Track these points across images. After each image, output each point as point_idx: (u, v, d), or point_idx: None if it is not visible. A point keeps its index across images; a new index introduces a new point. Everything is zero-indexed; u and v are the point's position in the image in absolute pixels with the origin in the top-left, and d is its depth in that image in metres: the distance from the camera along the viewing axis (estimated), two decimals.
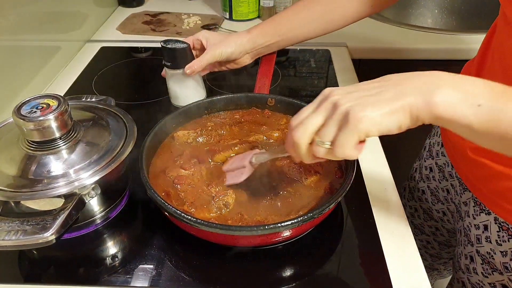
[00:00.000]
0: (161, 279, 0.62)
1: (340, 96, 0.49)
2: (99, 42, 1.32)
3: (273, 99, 0.85)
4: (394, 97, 0.47)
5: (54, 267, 0.66)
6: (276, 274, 0.63)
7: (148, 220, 0.73)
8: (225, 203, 0.66)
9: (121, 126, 0.70)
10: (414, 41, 1.32)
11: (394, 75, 0.50)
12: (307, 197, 0.68)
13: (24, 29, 1.01)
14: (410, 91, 0.47)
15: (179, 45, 0.88)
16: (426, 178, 0.94)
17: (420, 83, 0.47)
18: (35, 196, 0.58)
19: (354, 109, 0.46)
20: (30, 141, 0.62)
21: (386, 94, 0.47)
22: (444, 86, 0.46)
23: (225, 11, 1.47)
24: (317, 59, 1.24)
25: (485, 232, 0.73)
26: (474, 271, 0.77)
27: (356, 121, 0.46)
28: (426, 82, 0.47)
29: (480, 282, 0.76)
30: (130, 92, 1.09)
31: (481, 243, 0.74)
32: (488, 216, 0.72)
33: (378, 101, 0.47)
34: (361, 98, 0.48)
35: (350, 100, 0.48)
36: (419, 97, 0.46)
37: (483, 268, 0.75)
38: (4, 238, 0.54)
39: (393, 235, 0.68)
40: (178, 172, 0.71)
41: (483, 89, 0.46)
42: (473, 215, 0.76)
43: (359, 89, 0.50)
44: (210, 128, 0.81)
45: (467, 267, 0.79)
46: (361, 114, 0.46)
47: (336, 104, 0.48)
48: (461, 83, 0.47)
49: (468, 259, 0.78)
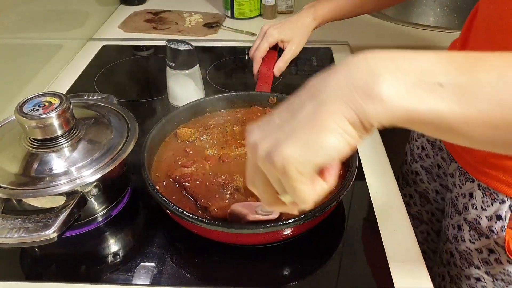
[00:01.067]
0: (162, 277, 0.62)
1: (253, 139, 0.38)
2: (101, 40, 1.32)
3: (275, 98, 0.85)
4: (313, 115, 0.34)
5: (56, 265, 0.66)
6: (277, 272, 0.63)
7: (149, 218, 0.73)
8: (236, 188, 0.66)
9: (122, 124, 0.70)
10: (415, 39, 1.32)
11: (310, 81, 0.37)
12: None
13: (26, 27, 1.01)
14: (332, 98, 0.34)
15: (184, 46, 0.88)
16: (419, 158, 0.95)
17: (345, 81, 0.34)
18: (37, 194, 0.58)
19: (273, 155, 0.35)
20: (32, 139, 0.62)
21: (301, 114, 0.35)
22: (382, 74, 0.33)
23: (227, 9, 1.47)
24: (319, 57, 1.24)
25: (471, 200, 0.75)
26: (461, 239, 0.78)
27: (282, 171, 0.35)
28: (353, 77, 0.34)
29: (467, 249, 0.77)
30: (132, 90, 1.09)
31: (468, 210, 0.76)
32: (472, 184, 0.74)
33: (294, 131, 0.35)
34: (276, 132, 0.36)
35: (263, 140, 0.37)
36: (351, 99, 0.33)
37: (470, 234, 0.76)
38: (6, 236, 0.54)
39: (395, 233, 0.68)
40: (182, 171, 0.71)
41: (438, 62, 0.33)
42: (459, 185, 0.78)
43: (273, 119, 0.38)
44: (212, 126, 0.81)
45: (454, 236, 0.80)
46: (280, 160, 0.34)
47: (254, 152, 0.37)
48: (403, 62, 0.34)
49: (456, 229, 0.80)
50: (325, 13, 0.97)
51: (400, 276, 0.61)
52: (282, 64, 0.94)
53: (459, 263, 0.80)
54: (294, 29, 0.95)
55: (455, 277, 0.82)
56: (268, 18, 1.48)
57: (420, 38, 1.32)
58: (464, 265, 0.79)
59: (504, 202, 0.69)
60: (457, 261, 0.80)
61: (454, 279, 0.83)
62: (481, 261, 0.75)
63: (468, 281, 0.79)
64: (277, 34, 0.94)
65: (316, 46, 1.27)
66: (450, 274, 0.84)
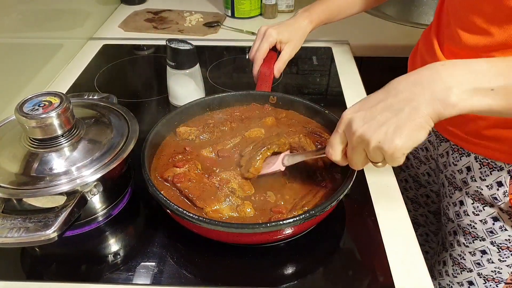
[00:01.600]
0: (163, 277, 0.62)
1: (362, 129, 0.53)
2: (101, 40, 1.32)
3: (275, 97, 0.85)
4: (411, 116, 0.51)
5: (56, 264, 0.66)
6: (278, 272, 0.63)
7: (150, 217, 0.73)
8: (231, 190, 0.66)
9: (123, 124, 0.70)
10: (416, 39, 1.31)
11: (397, 85, 0.53)
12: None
13: (27, 27, 1.01)
14: (423, 104, 0.50)
15: (185, 46, 0.88)
16: None
17: (429, 92, 0.50)
18: (37, 194, 0.58)
19: (385, 145, 0.51)
20: (33, 139, 0.62)
21: (403, 115, 0.51)
22: (453, 88, 0.50)
23: (227, 8, 1.47)
24: (319, 56, 1.24)
25: (469, 173, 0.79)
26: (465, 214, 0.81)
27: (391, 155, 0.52)
28: (434, 90, 0.50)
29: (471, 222, 0.80)
30: (132, 90, 1.09)
31: (468, 184, 0.79)
32: (469, 158, 0.78)
33: (400, 128, 0.51)
34: (382, 126, 0.52)
35: (374, 133, 0.52)
36: (435, 107, 0.50)
37: (473, 207, 0.80)
38: (7, 235, 0.54)
39: (395, 232, 0.68)
40: (174, 171, 0.70)
41: (489, 72, 0.50)
42: (453, 163, 0.82)
43: (373, 114, 0.53)
44: (212, 125, 0.81)
45: (457, 213, 0.83)
46: (392, 149, 0.51)
47: (365, 141, 0.53)
48: (465, 74, 0.50)
49: (458, 205, 0.83)
50: (320, 16, 0.99)
51: (400, 274, 0.61)
52: (281, 65, 0.95)
53: (463, 240, 0.82)
54: (291, 31, 0.97)
55: (458, 258, 0.84)
56: (269, 18, 1.47)
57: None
58: (468, 240, 0.81)
59: (502, 168, 0.73)
60: (461, 238, 0.83)
61: (456, 260, 0.85)
62: (486, 232, 0.78)
63: (472, 258, 0.82)
64: (276, 34, 0.95)
65: (317, 45, 1.27)
66: (453, 256, 0.85)
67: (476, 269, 0.82)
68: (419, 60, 0.85)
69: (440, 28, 0.79)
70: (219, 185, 0.67)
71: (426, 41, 0.83)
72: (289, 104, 0.84)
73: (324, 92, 1.09)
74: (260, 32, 0.98)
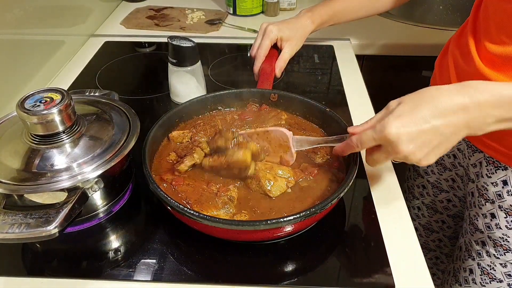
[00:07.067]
0: (163, 273, 0.62)
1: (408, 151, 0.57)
2: (103, 37, 1.32)
3: (276, 95, 0.85)
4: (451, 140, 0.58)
5: (57, 260, 0.66)
6: (278, 269, 0.63)
7: (150, 214, 0.73)
8: (229, 198, 0.66)
9: (124, 121, 0.70)
10: (418, 37, 1.32)
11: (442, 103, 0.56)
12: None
13: (28, 24, 1.01)
14: (464, 130, 0.57)
15: (186, 43, 0.88)
16: None
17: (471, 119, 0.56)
18: (39, 190, 0.58)
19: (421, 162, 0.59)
20: (34, 135, 0.63)
21: (443, 138, 0.57)
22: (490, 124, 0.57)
23: (229, 6, 1.47)
24: (321, 54, 1.23)
25: (506, 187, 0.77)
26: (497, 227, 0.80)
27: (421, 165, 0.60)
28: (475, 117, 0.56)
29: (504, 236, 0.79)
30: (134, 87, 1.09)
31: (503, 197, 0.77)
32: (505, 171, 0.76)
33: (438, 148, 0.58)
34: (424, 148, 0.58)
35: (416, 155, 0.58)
36: (471, 132, 0.58)
37: (506, 221, 0.78)
38: (8, 231, 0.54)
39: (395, 230, 0.68)
40: (173, 174, 0.70)
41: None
42: (487, 175, 0.80)
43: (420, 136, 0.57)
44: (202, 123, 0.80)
45: (487, 225, 0.81)
46: (425, 162, 0.59)
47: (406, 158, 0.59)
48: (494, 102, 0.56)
49: (488, 217, 0.81)
50: (322, 16, 1.00)
51: (401, 272, 0.62)
52: (282, 64, 0.95)
53: (493, 252, 0.81)
54: (292, 29, 0.96)
55: (488, 268, 0.83)
56: (270, 15, 1.47)
57: (423, 36, 1.32)
58: (500, 252, 0.80)
59: None
60: (491, 250, 0.81)
61: (486, 270, 0.83)
62: None
63: (504, 269, 0.80)
64: (276, 31, 0.95)
65: (318, 44, 1.27)
66: (481, 266, 0.84)
67: (507, 280, 0.81)
68: (451, 61, 0.83)
69: (477, 30, 0.76)
70: (217, 192, 0.67)
71: (460, 44, 0.81)
72: (290, 102, 0.84)
73: (326, 90, 1.09)
74: (261, 29, 0.98)
